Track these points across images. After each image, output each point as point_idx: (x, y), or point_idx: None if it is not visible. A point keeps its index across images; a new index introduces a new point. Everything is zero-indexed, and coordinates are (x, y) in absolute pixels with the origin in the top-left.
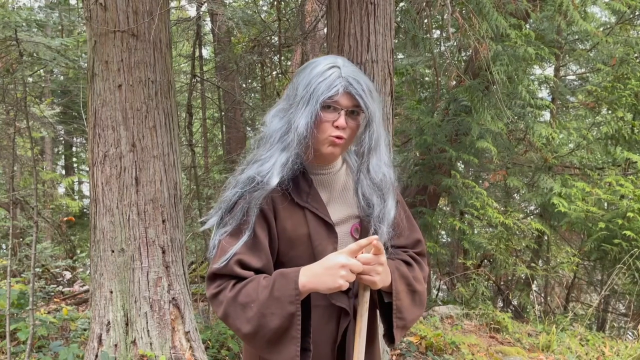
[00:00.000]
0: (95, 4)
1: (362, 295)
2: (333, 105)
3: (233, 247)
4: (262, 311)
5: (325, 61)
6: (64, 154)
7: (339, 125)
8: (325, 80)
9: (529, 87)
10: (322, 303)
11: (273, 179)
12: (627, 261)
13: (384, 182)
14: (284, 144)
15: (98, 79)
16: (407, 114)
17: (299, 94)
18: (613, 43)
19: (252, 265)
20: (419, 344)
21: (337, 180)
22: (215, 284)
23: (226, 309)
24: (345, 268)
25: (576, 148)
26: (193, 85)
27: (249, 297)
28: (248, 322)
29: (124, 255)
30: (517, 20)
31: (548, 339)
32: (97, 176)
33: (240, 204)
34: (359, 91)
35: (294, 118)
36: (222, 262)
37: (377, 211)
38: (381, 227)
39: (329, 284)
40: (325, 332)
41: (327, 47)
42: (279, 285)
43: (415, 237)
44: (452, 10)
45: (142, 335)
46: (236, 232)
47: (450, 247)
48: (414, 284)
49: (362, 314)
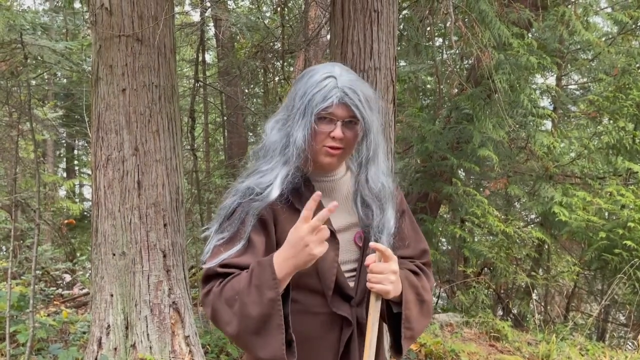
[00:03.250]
0: (100, 9)
1: (374, 305)
2: (328, 116)
3: (226, 252)
4: (244, 300)
5: (323, 70)
6: (66, 157)
7: (335, 136)
8: (321, 91)
9: (530, 96)
10: (323, 310)
11: (273, 192)
12: (628, 271)
13: (382, 192)
14: (285, 158)
15: (102, 83)
16: (408, 121)
17: (295, 104)
18: (615, 53)
19: (242, 263)
20: (418, 352)
21: (340, 187)
22: (207, 285)
23: (214, 305)
24: (309, 235)
25: (577, 157)
26: (196, 90)
27: (233, 289)
28: (234, 315)
29: (125, 259)
30: (520, 29)
31: (548, 348)
32: (100, 179)
33: (238, 212)
34: (355, 101)
35: (292, 131)
36: (213, 263)
37: (377, 221)
38: (381, 237)
39: (304, 259)
40: (326, 342)
41: (330, 53)
42: (257, 273)
43: (421, 247)
44: (455, 19)
45: (142, 339)
46: (232, 239)
47: (451, 254)
48: (422, 293)
49: (372, 324)
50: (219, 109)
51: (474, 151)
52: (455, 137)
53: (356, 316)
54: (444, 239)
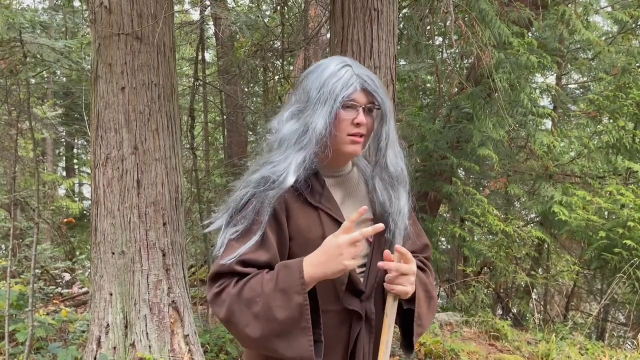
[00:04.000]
0: (100, 7)
1: (392, 305)
2: (352, 103)
3: (242, 247)
4: (269, 304)
5: (335, 61)
6: (65, 156)
7: (360, 122)
8: (341, 80)
9: (530, 95)
10: (334, 308)
11: (289, 178)
12: (627, 270)
13: (401, 176)
14: (300, 145)
15: (101, 81)
16: (408, 120)
17: (312, 96)
18: (615, 52)
19: (259, 260)
20: (418, 351)
21: (349, 182)
22: (218, 283)
23: (230, 306)
24: (345, 246)
25: (577, 156)
26: (195, 88)
27: (253, 291)
28: (255, 318)
29: (124, 258)
30: (520, 28)
31: (547, 348)
32: (99, 178)
33: (253, 203)
34: (375, 87)
35: (311, 119)
36: (227, 260)
37: (395, 206)
38: (398, 224)
39: (335, 268)
40: (336, 338)
41: (330, 52)
42: (283, 277)
43: (423, 241)
44: (455, 18)
45: (141, 338)
46: (247, 232)
47: (450, 254)
48: (430, 290)
49: (389, 325)
50: (219, 107)
51: (474, 150)
52: (455, 136)
53: (365, 310)
54: (444, 238)
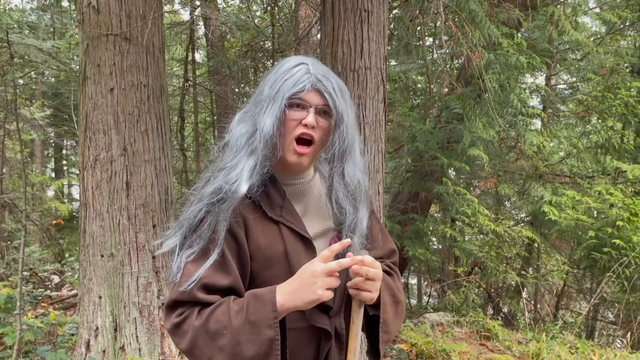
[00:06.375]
0: (88, 7)
1: (357, 312)
2: (301, 102)
3: (199, 270)
4: (237, 338)
5: (294, 60)
6: (54, 157)
7: (307, 123)
8: (292, 77)
9: (520, 96)
10: (301, 325)
11: (242, 186)
12: (617, 270)
13: (358, 190)
14: (250, 148)
15: (90, 82)
16: (399, 121)
17: (264, 93)
18: (604, 53)
19: (219, 284)
20: (409, 352)
21: (311, 190)
22: (177, 312)
23: (193, 339)
24: (321, 276)
25: (567, 157)
26: (185, 89)
27: (219, 323)
28: (220, 351)
29: (114, 260)
30: (510, 29)
31: (538, 347)
32: (88, 180)
33: (208, 220)
34: (328, 89)
35: (259, 119)
36: (186, 286)
37: (350, 220)
38: (353, 237)
39: (308, 297)
40: (304, 358)
41: (321, 53)
42: (254, 309)
43: (389, 247)
44: (445, 19)
45: (130, 341)
46: (204, 253)
47: (441, 254)
48: (397, 294)
49: (357, 333)
50: (209, 108)
51: (465, 151)
52: (445, 136)
53: (335, 327)
54: (435, 238)
